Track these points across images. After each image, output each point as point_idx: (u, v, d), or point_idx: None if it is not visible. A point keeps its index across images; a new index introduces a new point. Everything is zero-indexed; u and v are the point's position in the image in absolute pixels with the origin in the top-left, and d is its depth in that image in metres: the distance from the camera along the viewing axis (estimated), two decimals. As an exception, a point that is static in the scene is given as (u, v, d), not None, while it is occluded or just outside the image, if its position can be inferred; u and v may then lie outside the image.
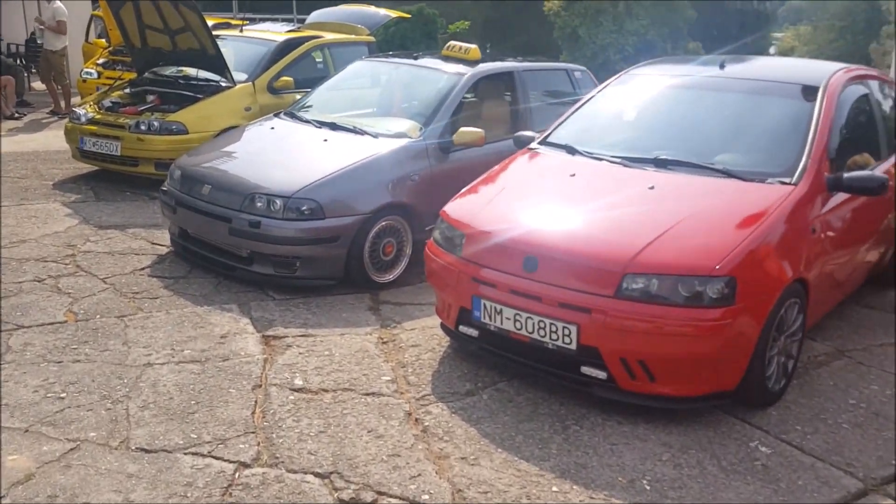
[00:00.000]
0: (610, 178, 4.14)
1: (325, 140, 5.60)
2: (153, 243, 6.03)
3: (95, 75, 12.29)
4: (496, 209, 4.05)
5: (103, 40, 13.61)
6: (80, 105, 8.50)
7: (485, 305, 3.76)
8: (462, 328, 3.99)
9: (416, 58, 6.39)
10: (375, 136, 5.61)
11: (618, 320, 3.37)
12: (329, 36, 9.29)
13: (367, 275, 5.26)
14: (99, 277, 5.17)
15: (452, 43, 6.38)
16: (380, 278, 5.34)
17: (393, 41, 15.07)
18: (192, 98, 8.10)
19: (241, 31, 9.30)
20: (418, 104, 6.08)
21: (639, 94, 4.93)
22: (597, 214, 3.80)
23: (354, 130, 5.72)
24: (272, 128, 5.98)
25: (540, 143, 4.79)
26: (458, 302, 3.95)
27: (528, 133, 5.16)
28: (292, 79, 8.38)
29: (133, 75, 9.17)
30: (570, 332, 3.47)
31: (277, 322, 4.63)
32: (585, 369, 3.54)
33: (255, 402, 3.66)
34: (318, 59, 9.15)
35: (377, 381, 3.94)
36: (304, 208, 4.98)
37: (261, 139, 5.88)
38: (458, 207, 4.23)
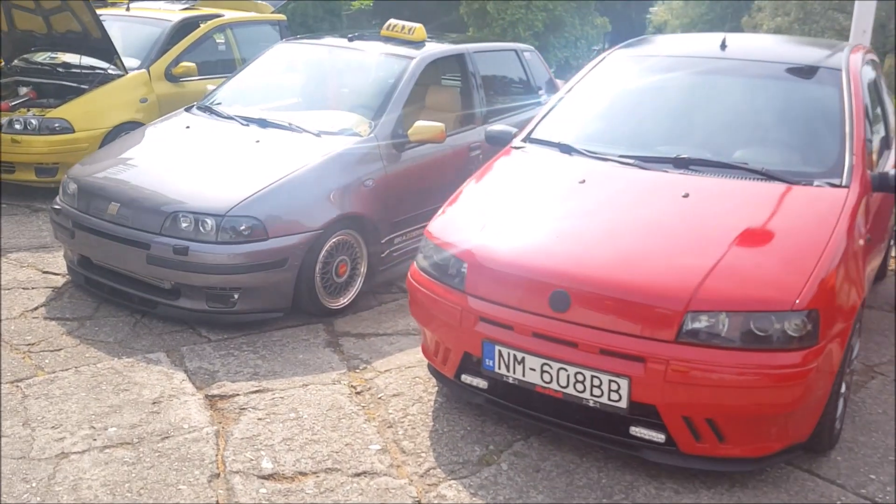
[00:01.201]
0: (629, 184, 3.47)
1: (257, 141, 4.66)
2: (44, 272, 4.94)
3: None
4: (501, 229, 3.30)
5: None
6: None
7: (500, 352, 3.02)
8: (466, 378, 3.24)
9: (350, 39, 5.50)
10: (317, 134, 4.72)
11: (682, 371, 2.71)
12: (231, 14, 8.21)
13: (320, 301, 4.41)
14: (-21, 325, 4.11)
15: (393, 22, 5.53)
16: (333, 303, 4.50)
17: (293, 20, 13.93)
18: (75, 90, 6.89)
19: (128, 9, 8.06)
20: (362, 95, 5.21)
21: (632, 80, 4.27)
22: (633, 234, 3.11)
23: (291, 128, 4.80)
24: (187, 126, 4.98)
25: (524, 141, 4.06)
26: (460, 346, 3.20)
27: (502, 127, 4.43)
28: (194, 64, 7.29)
29: (-1, 63, 7.82)
30: (618, 387, 2.79)
31: (221, 374, 3.73)
32: (636, 430, 2.87)
33: (216, 502, 2.79)
34: (219, 41, 8.07)
35: (364, 452, 3.14)
36: (242, 228, 4.07)
37: (175, 142, 4.87)
38: (448, 226, 3.46)
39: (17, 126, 6.40)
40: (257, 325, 4.26)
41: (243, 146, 4.66)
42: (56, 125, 6.44)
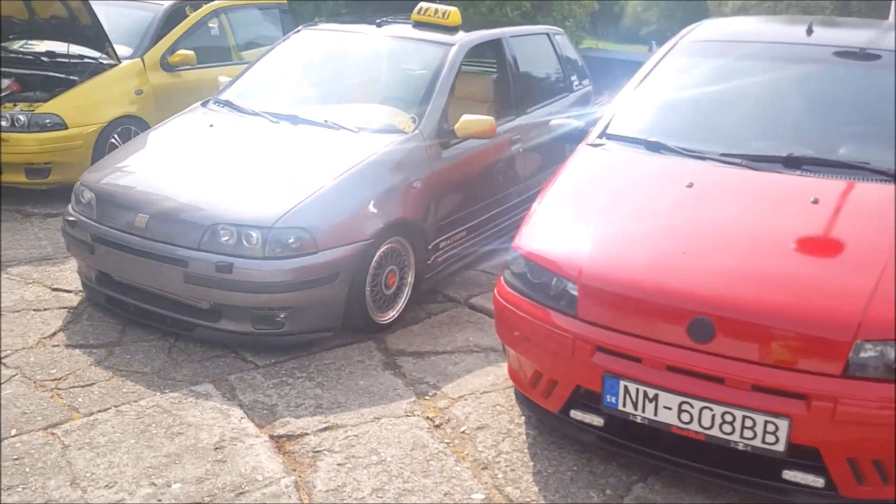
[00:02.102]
0: (745, 188, 3.11)
1: (292, 140, 4.22)
2: (54, 289, 4.45)
3: None
4: (611, 242, 2.92)
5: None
6: None
7: (626, 388, 2.66)
8: (576, 414, 2.87)
9: (379, 25, 5.05)
10: (356, 131, 4.29)
11: (852, 410, 2.38)
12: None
13: (370, 316, 4.02)
14: (-8, 356, 3.63)
15: (425, 5, 5.07)
16: (382, 318, 4.10)
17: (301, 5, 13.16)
18: (64, 81, 6.33)
19: (115, -9, 7.45)
20: (399, 86, 4.78)
21: (713, 69, 3.90)
22: (773, 250, 2.75)
23: (326, 125, 4.36)
24: (210, 125, 4.49)
25: (601, 137, 3.68)
26: (571, 379, 2.83)
27: (565, 120, 4.06)
28: (193, 52, 6.76)
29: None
30: (776, 428, 2.45)
31: (280, 407, 3.32)
32: (792, 474, 2.54)
33: (319, 575, 2.40)
34: (211, 27, 7.53)
35: (468, 502, 2.77)
36: (290, 241, 3.64)
37: (200, 142, 4.38)
38: (545, 240, 3.07)
39: (4, 123, 5.82)
40: (304, 346, 3.84)
41: (277, 146, 4.21)
42: (47, 121, 5.88)
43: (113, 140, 6.22)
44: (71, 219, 4.06)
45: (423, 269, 4.37)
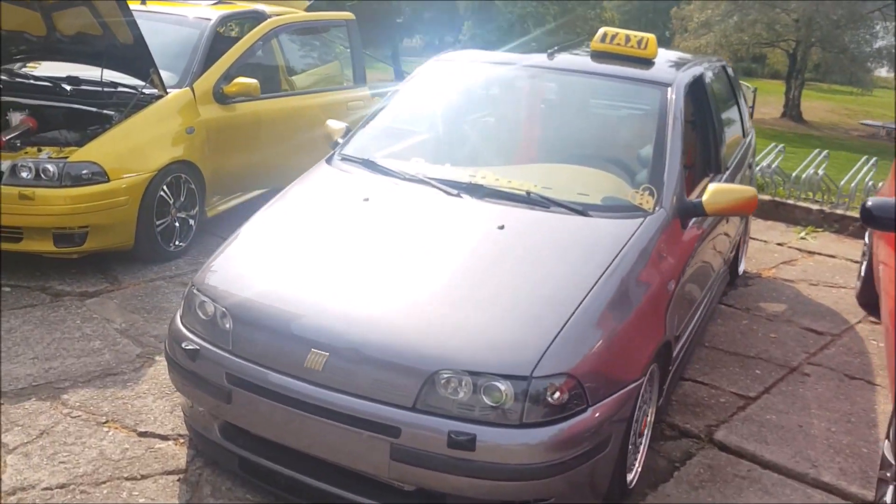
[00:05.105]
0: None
1: (500, 227, 2.97)
2: (141, 433, 3.12)
3: None
4: None
5: None
6: None
7: None
8: None
9: (550, 56, 3.82)
10: (581, 211, 3.07)
11: None
12: (286, 13, 6.31)
13: (625, 482, 2.81)
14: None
15: (612, 30, 3.86)
16: (629, 473, 2.90)
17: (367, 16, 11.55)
18: (97, 117, 4.97)
19: (144, 2, 6.06)
20: (612, 143, 3.59)
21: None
22: None
23: (531, 201, 3.11)
24: (365, 199, 3.20)
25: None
26: None
27: (883, 200, 2.95)
28: (255, 81, 5.44)
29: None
30: None
31: None
32: None
33: None
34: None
35: None
36: (555, 396, 2.40)
37: (362, 227, 3.07)
38: None
39: (26, 174, 4.43)
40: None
41: (476, 236, 2.95)
42: (84, 171, 4.50)
43: (162, 193, 4.88)
44: (191, 348, 2.74)
45: (664, 406, 3.20)
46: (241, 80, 5.39)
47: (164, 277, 4.77)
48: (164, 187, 4.89)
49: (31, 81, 5.32)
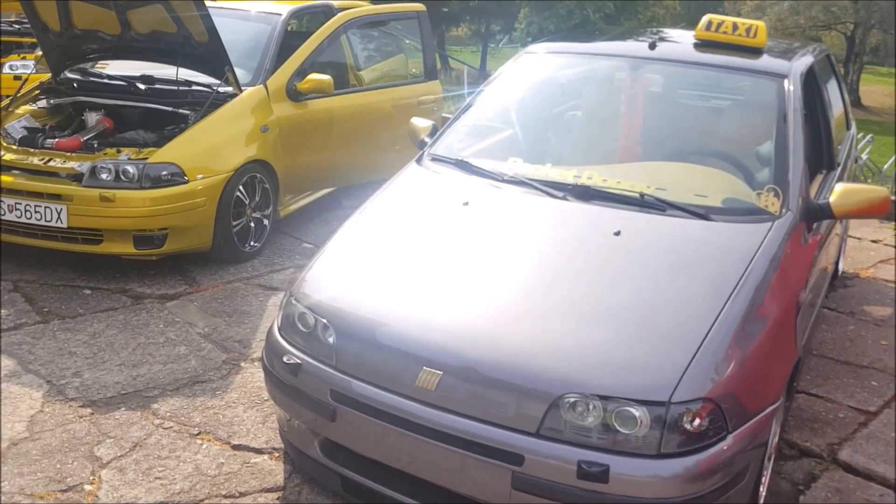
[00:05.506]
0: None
1: (617, 233, 2.77)
2: (235, 446, 3.01)
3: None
4: None
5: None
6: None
7: None
8: None
9: (652, 46, 3.59)
10: (703, 215, 2.85)
11: None
12: (342, 4, 6.18)
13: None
14: None
15: (717, 18, 3.61)
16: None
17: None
18: (173, 117, 4.90)
19: (214, -2, 5.98)
20: (720, 139, 3.35)
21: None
22: None
23: (645, 203, 2.90)
24: (465, 203, 3.03)
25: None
26: None
27: None
28: (329, 77, 5.30)
29: (43, 76, 5.71)
30: None
31: None
32: None
33: None
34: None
35: None
36: (694, 423, 2.20)
37: (464, 234, 2.90)
38: None
39: (106, 176, 4.36)
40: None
41: (595, 244, 2.76)
42: (164, 173, 4.42)
43: (239, 194, 4.78)
44: (293, 362, 2.60)
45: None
46: (314, 76, 5.26)
47: (241, 279, 4.68)
48: (240, 187, 4.79)
49: (106, 81, 5.28)
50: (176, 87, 5.00)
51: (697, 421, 2.19)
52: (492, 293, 2.57)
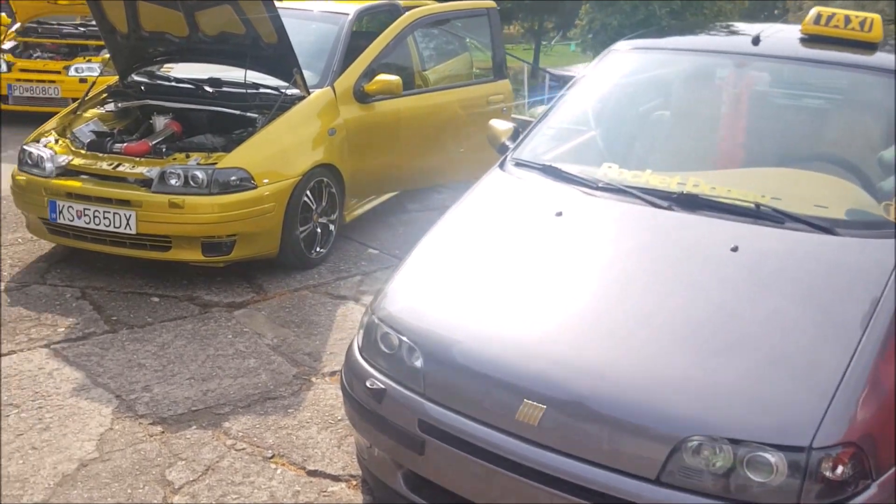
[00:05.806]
0: None
1: (734, 249, 2.50)
2: (310, 472, 2.84)
3: (5, 68, 8.61)
4: None
5: (3, 14, 9.72)
6: (34, 139, 4.88)
7: None
8: None
9: (755, 41, 3.29)
10: (828, 228, 2.56)
11: None
12: (408, 3, 5.99)
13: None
14: None
15: (826, 10, 3.28)
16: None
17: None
18: (240, 120, 4.77)
19: (280, -2, 5.84)
20: (835, 143, 3.05)
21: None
22: None
23: (760, 215, 2.62)
24: (557, 213, 2.80)
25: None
26: None
27: None
28: (398, 78, 5.11)
29: (110, 79, 5.66)
30: None
31: None
32: None
33: None
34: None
35: None
36: (838, 471, 1.94)
37: (561, 248, 2.67)
38: None
39: (175, 182, 4.25)
40: None
41: (710, 262, 2.49)
42: (233, 178, 4.28)
43: (306, 199, 4.62)
44: (377, 388, 2.41)
45: None
46: (382, 77, 5.08)
47: (308, 287, 4.53)
48: (308, 192, 4.64)
49: (173, 83, 5.18)
50: (244, 90, 4.87)
51: (840, 468, 1.93)
52: (598, 316, 2.34)
